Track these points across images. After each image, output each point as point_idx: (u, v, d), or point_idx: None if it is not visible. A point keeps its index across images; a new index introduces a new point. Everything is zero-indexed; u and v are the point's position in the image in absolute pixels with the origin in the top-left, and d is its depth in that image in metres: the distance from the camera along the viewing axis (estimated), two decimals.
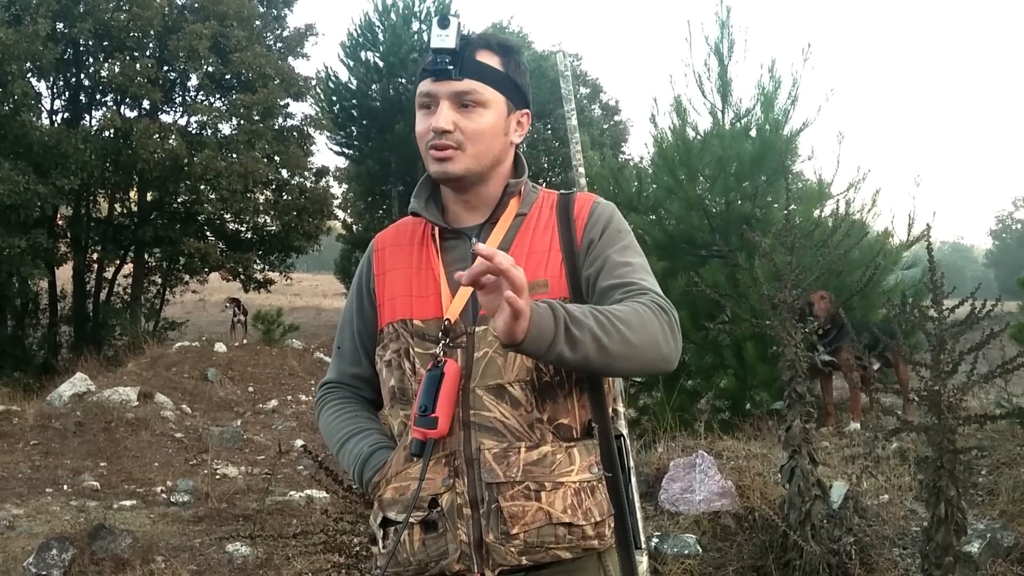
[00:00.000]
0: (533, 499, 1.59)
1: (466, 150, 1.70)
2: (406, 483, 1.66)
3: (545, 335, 1.45)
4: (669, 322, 1.60)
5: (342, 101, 27.10)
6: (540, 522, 1.58)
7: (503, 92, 1.74)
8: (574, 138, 2.17)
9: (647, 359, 1.58)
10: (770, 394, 7.37)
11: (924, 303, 3.67)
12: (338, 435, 1.83)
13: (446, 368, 1.61)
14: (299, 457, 8.63)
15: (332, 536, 3.53)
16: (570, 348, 1.48)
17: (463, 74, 1.68)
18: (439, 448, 1.63)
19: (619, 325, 1.52)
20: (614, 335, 1.51)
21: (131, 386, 10.90)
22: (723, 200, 7.86)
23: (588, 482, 1.63)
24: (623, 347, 1.52)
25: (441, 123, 1.67)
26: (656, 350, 1.58)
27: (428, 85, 1.70)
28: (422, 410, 1.59)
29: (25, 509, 6.73)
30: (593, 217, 1.78)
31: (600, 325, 1.50)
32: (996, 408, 5.52)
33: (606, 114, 36.25)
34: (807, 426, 3.87)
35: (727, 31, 7.96)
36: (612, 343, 1.51)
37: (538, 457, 1.61)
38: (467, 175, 1.72)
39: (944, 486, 3.37)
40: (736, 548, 4.32)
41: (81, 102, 19.45)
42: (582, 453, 1.64)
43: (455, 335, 1.67)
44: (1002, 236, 70.96)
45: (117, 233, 20.04)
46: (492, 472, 1.59)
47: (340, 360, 1.93)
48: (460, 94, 1.69)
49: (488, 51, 1.73)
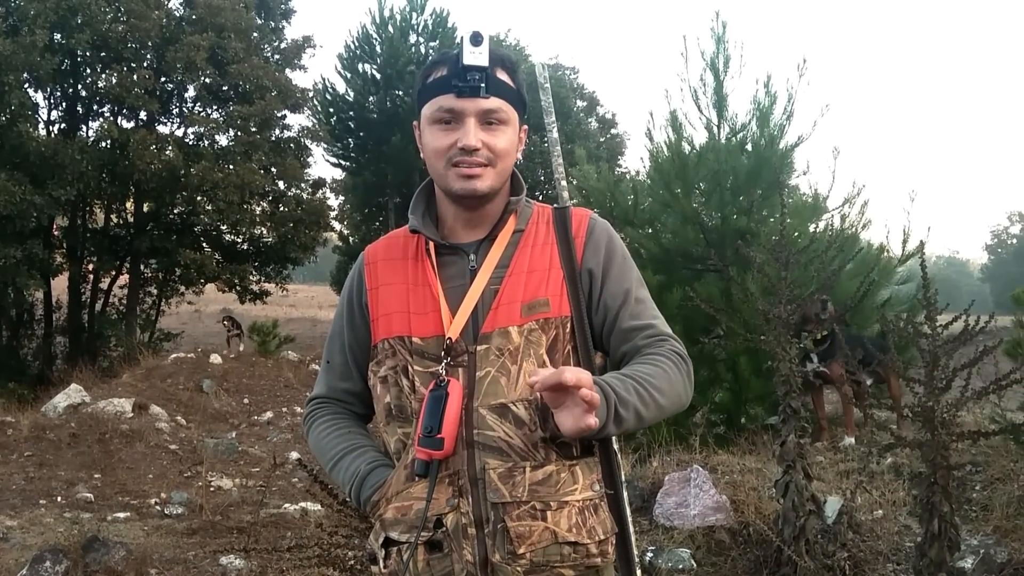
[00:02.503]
0: (539, 518, 1.59)
1: (495, 167, 1.71)
2: (408, 503, 1.65)
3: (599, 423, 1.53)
4: (688, 371, 1.73)
5: (339, 113, 27.15)
6: (546, 541, 1.59)
7: (517, 109, 1.75)
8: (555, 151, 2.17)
9: (671, 413, 1.71)
10: (765, 408, 7.39)
11: (918, 319, 3.68)
12: (332, 452, 1.82)
13: (450, 388, 1.61)
14: (294, 469, 8.60)
15: (327, 550, 3.52)
16: (616, 426, 1.58)
17: (490, 92, 1.68)
18: (443, 468, 1.62)
19: (655, 395, 1.63)
20: (651, 406, 1.62)
21: (126, 397, 10.87)
22: (719, 214, 7.88)
23: (591, 500, 1.64)
24: (656, 413, 1.65)
25: (473, 141, 1.67)
26: (680, 404, 1.72)
27: (451, 101, 1.68)
28: (427, 431, 1.59)
29: (19, 521, 6.70)
30: (593, 237, 1.79)
31: (642, 400, 1.60)
32: (990, 424, 5.53)
33: (603, 127, 36.37)
34: (802, 441, 3.88)
35: (723, 46, 8.00)
36: (649, 413, 1.62)
37: (543, 476, 1.61)
38: (491, 192, 1.73)
39: (938, 502, 3.38)
40: (731, 563, 4.32)
41: (78, 113, 19.46)
42: (584, 471, 1.65)
43: (456, 354, 1.66)
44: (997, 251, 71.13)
45: (113, 244, 20.02)
46: (498, 492, 1.59)
47: (330, 374, 1.91)
48: (488, 112, 1.68)
49: (503, 68, 1.73)
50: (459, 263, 1.75)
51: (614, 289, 1.76)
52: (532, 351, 1.65)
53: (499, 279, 1.71)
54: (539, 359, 1.66)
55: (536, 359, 1.65)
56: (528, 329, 1.67)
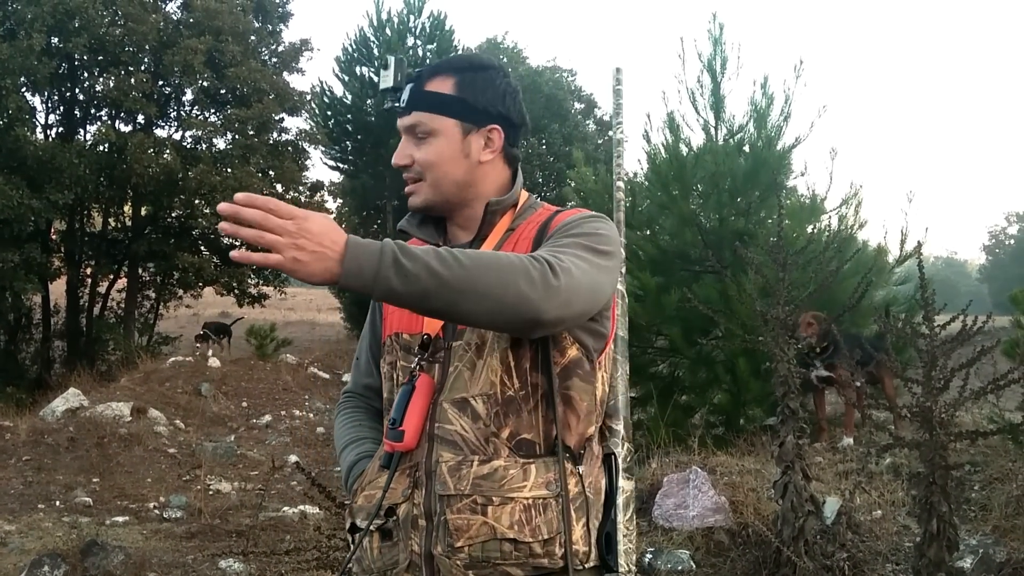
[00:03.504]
0: (479, 512, 1.57)
1: (427, 179, 1.76)
2: (374, 491, 1.70)
3: (366, 269, 1.38)
4: (542, 269, 1.47)
5: (337, 116, 27.12)
6: (484, 536, 1.57)
7: (455, 116, 1.74)
8: (617, 151, 2.15)
9: (502, 300, 1.43)
10: (763, 410, 7.39)
11: (916, 319, 3.69)
12: (339, 444, 1.92)
13: (418, 382, 1.66)
14: (292, 472, 8.61)
15: (325, 553, 3.53)
16: (401, 280, 1.38)
17: (410, 108, 1.74)
18: (406, 460, 1.66)
19: (464, 259, 1.42)
20: (456, 268, 1.41)
21: (124, 401, 10.87)
22: (716, 216, 7.89)
23: (542, 499, 1.59)
24: (467, 283, 1.41)
25: (396, 159, 1.77)
26: (514, 290, 1.43)
27: None
28: (392, 423, 1.65)
29: (17, 525, 6.70)
30: (563, 223, 1.71)
31: (440, 258, 1.41)
32: (989, 424, 5.53)
33: (600, 129, 36.38)
34: (800, 442, 3.88)
35: (720, 48, 8.02)
36: (453, 275, 1.40)
37: (488, 471, 1.59)
38: (429, 205, 1.78)
39: (936, 502, 3.38)
40: (730, 564, 4.33)
41: (76, 116, 19.43)
42: (540, 469, 1.61)
43: (435, 349, 1.69)
44: (995, 251, 71.13)
45: (111, 247, 19.99)
46: (445, 484, 1.60)
47: (356, 371, 2.01)
48: (411, 127, 1.75)
49: (441, 76, 1.75)
50: None
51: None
52: (497, 344, 1.64)
53: None
54: (502, 353, 1.64)
55: (499, 353, 1.64)
56: None
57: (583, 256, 1.58)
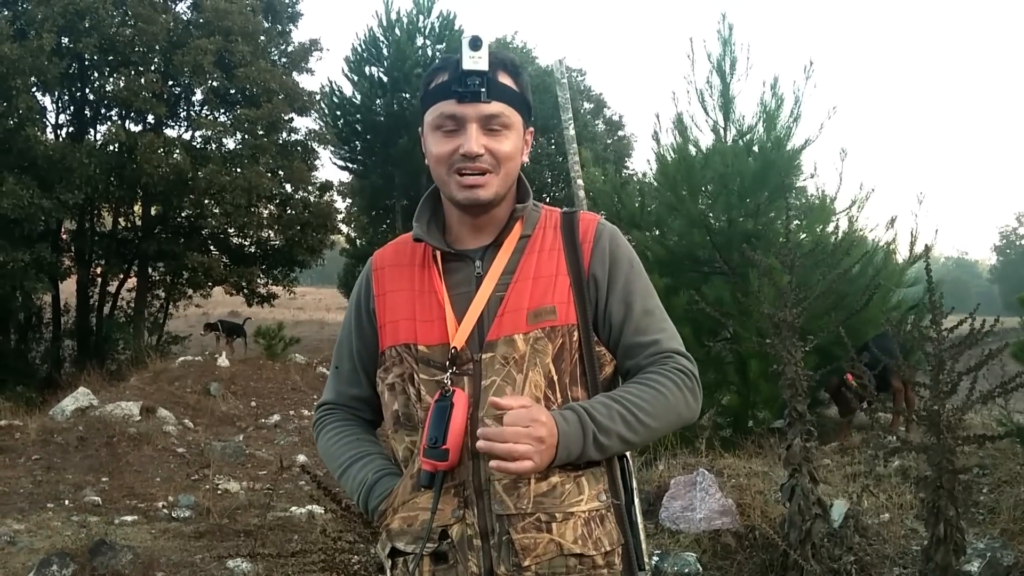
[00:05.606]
0: (544, 531, 1.57)
1: (498, 173, 1.68)
2: (414, 513, 1.64)
3: (573, 452, 1.56)
4: (692, 387, 1.70)
5: (346, 116, 27.17)
6: (552, 554, 1.57)
7: (520, 113, 1.72)
8: (572, 148, 2.16)
9: (671, 429, 1.73)
10: (772, 412, 7.36)
11: (925, 322, 3.67)
12: (340, 459, 1.81)
13: (455, 399, 1.59)
14: (301, 472, 8.62)
15: (331, 555, 3.53)
16: (599, 453, 1.59)
17: (491, 97, 1.65)
18: (448, 479, 1.61)
19: (644, 419, 1.62)
20: (639, 430, 1.62)
21: (133, 400, 10.90)
22: (725, 217, 7.87)
23: (597, 511, 1.62)
24: (647, 435, 1.65)
25: (475, 147, 1.64)
26: (678, 422, 1.71)
27: (452, 107, 1.65)
28: (432, 442, 1.57)
29: (26, 524, 6.72)
30: (600, 243, 1.75)
31: (627, 425, 1.60)
32: (997, 426, 5.51)
33: (609, 129, 36.32)
34: (808, 444, 3.87)
35: (729, 48, 7.99)
36: (637, 437, 1.62)
37: (548, 488, 1.59)
38: (495, 199, 1.70)
39: (943, 506, 3.37)
40: (736, 567, 4.31)
41: (86, 116, 19.51)
42: (590, 481, 1.63)
43: (462, 362, 1.65)
44: (1006, 251, 70.92)
45: (121, 247, 20.08)
46: (503, 503, 1.58)
47: (338, 380, 1.89)
48: (490, 117, 1.66)
49: (505, 72, 1.70)
50: (465, 270, 1.73)
51: (619, 300, 1.72)
52: (538, 360, 1.63)
53: (505, 285, 1.69)
54: (545, 368, 1.63)
55: (542, 368, 1.63)
56: (534, 337, 1.64)
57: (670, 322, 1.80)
